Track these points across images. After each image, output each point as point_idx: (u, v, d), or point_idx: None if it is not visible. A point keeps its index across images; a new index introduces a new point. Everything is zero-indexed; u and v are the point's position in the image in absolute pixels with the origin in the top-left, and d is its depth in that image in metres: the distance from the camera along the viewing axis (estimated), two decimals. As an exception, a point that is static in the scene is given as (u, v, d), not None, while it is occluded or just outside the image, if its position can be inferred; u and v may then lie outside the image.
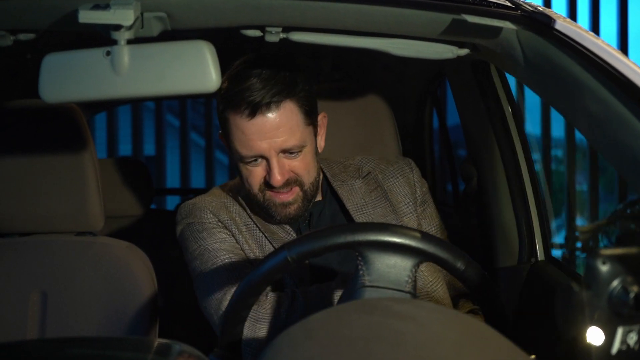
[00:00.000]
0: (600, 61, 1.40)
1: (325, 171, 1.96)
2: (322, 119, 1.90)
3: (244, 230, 1.88)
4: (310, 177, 1.83)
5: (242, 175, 1.83)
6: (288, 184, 1.80)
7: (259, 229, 1.88)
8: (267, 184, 1.80)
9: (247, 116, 1.74)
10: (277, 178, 1.76)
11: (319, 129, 1.89)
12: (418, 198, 1.95)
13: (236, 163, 1.83)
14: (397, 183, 1.94)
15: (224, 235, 1.86)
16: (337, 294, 1.69)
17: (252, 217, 1.89)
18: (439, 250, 1.41)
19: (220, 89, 1.77)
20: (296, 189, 1.81)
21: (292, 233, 1.86)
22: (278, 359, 1.05)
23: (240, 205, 1.91)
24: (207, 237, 1.86)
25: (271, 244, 1.85)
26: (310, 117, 1.82)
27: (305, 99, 1.80)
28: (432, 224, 1.98)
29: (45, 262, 2.14)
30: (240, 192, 1.92)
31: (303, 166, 1.80)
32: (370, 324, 1.08)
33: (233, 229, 1.87)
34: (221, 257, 1.82)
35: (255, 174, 1.80)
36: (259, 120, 1.74)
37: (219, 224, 1.87)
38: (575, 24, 1.54)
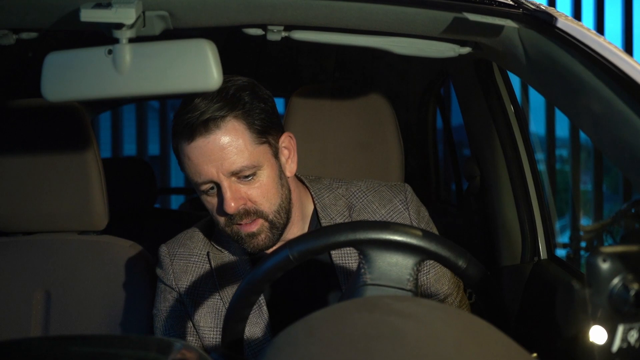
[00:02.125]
0: (602, 59, 1.40)
1: (316, 201, 1.84)
2: (286, 139, 1.77)
3: (220, 260, 1.83)
4: (272, 206, 1.71)
5: (208, 211, 1.73)
6: (247, 214, 1.69)
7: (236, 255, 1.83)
8: (229, 217, 1.69)
9: (188, 139, 1.64)
10: (230, 204, 1.65)
11: (284, 150, 1.76)
12: None
13: (200, 198, 1.73)
14: None
15: (172, 306, 1.84)
16: None
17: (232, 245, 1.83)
18: (441, 248, 1.41)
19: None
20: (259, 221, 1.70)
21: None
22: (279, 357, 1.05)
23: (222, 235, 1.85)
24: (158, 302, 1.86)
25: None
26: (264, 135, 1.69)
27: (255, 115, 1.68)
28: (433, 269, 1.87)
29: (49, 260, 2.15)
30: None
31: (260, 193, 1.69)
32: (371, 322, 1.08)
33: (198, 272, 1.83)
34: (159, 322, 1.84)
35: (216, 207, 1.70)
36: (200, 142, 1.63)
37: (174, 284, 1.83)
38: (577, 22, 1.54)
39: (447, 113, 3.38)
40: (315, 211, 1.85)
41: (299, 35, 1.67)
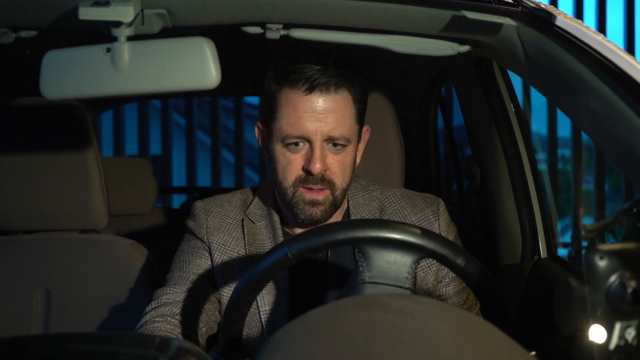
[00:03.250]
0: (601, 57, 1.40)
1: (350, 198, 1.90)
2: (365, 132, 1.88)
3: (256, 225, 1.87)
4: (343, 183, 1.78)
5: (278, 166, 1.78)
6: (323, 180, 1.75)
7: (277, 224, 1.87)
8: (303, 177, 1.75)
9: (304, 91, 1.72)
10: (317, 165, 1.72)
11: (360, 141, 1.86)
12: None
13: (274, 152, 1.78)
14: None
15: (200, 254, 1.86)
16: None
17: (274, 213, 1.88)
18: (439, 246, 1.40)
19: (272, 72, 1.78)
20: (327, 192, 1.76)
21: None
22: (277, 355, 1.05)
23: (264, 202, 1.90)
24: (186, 247, 1.89)
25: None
26: (361, 117, 1.81)
27: (360, 96, 1.79)
28: (453, 282, 1.88)
29: (50, 259, 2.15)
30: (269, 192, 1.90)
31: (341, 167, 1.76)
32: (369, 320, 1.08)
33: (231, 232, 1.86)
34: (181, 266, 1.86)
35: (294, 163, 1.75)
36: (314, 97, 1.72)
37: (205, 238, 1.86)
38: (576, 21, 1.53)
39: (448, 112, 3.38)
40: (347, 208, 1.90)
41: (298, 33, 1.68)
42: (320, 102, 1.73)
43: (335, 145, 1.75)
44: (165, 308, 1.77)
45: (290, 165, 1.76)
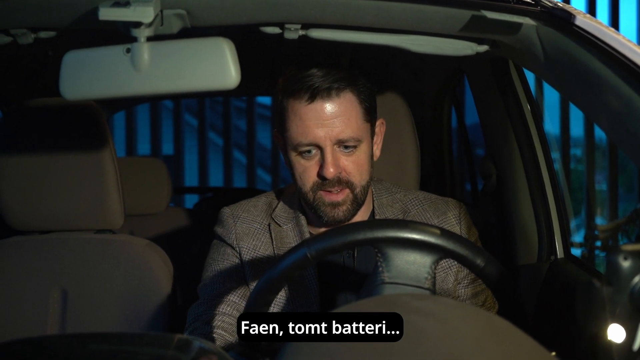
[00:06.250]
0: (620, 57, 1.40)
1: (375, 198, 1.92)
2: (380, 125, 1.89)
3: (284, 228, 1.88)
4: (362, 180, 1.80)
5: (295, 173, 1.81)
6: (340, 182, 1.77)
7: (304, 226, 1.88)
8: (319, 182, 1.77)
9: (307, 100, 1.74)
10: (330, 170, 1.74)
11: (376, 135, 1.87)
12: None
13: (291, 160, 1.81)
14: None
15: (232, 262, 1.88)
16: None
17: (301, 215, 1.89)
18: (459, 246, 1.40)
19: (280, 81, 1.80)
20: (346, 191, 1.78)
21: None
22: (298, 355, 1.05)
23: (290, 205, 1.91)
24: (216, 254, 1.90)
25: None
26: (370, 114, 1.81)
27: (366, 94, 1.80)
28: (472, 284, 1.88)
29: (65, 259, 2.15)
30: (294, 194, 1.91)
31: (356, 167, 1.78)
32: (390, 320, 1.08)
33: (260, 238, 1.88)
34: (214, 278, 1.86)
35: (309, 169, 1.78)
36: (318, 105, 1.74)
37: (235, 243, 1.87)
38: (595, 20, 1.53)
39: (463, 112, 3.37)
40: (373, 208, 1.92)
41: (316, 33, 1.68)
42: (324, 108, 1.74)
43: (346, 147, 1.77)
44: (206, 327, 1.79)
45: (306, 172, 1.79)
